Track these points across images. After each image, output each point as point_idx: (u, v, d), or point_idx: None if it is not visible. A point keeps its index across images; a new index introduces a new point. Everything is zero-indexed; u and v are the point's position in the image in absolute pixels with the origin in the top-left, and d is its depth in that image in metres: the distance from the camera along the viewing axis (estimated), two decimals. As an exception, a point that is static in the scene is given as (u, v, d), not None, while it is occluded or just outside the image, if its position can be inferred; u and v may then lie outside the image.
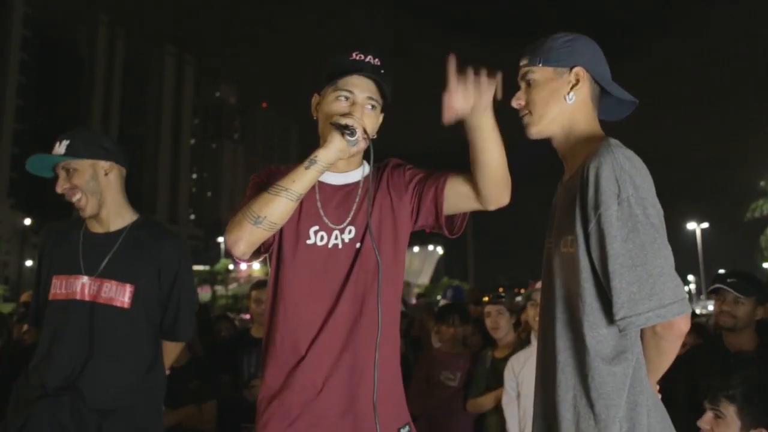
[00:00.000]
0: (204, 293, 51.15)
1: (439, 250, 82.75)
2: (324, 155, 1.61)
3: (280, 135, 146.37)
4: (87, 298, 2.16)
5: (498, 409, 3.38)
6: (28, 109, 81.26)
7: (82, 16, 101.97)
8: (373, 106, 1.70)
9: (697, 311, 9.00)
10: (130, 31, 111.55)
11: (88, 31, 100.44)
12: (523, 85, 1.68)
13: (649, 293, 1.37)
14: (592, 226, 1.43)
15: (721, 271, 3.19)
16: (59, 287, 2.19)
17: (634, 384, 1.44)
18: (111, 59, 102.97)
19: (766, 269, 27.86)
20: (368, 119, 1.68)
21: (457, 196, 1.70)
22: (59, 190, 2.23)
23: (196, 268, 64.19)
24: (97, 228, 2.26)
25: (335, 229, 1.71)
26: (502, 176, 1.63)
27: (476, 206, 1.71)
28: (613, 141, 1.50)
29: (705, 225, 37.40)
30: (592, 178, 1.44)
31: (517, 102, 1.67)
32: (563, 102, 1.61)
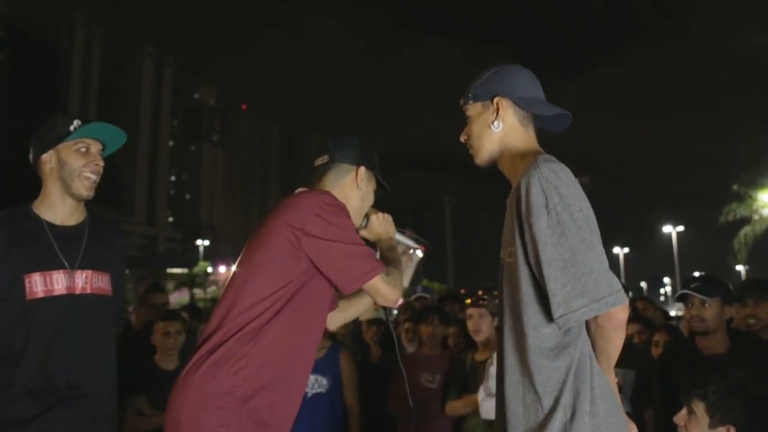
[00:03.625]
0: (182, 296, 50.59)
1: (419, 253, 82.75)
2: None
3: (260, 137, 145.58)
4: (78, 291, 2.13)
5: (477, 412, 3.39)
6: (3, 110, 79.98)
7: (59, 16, 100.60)
8: None
9: (673, 313, 9.14)
10: (109, 31, 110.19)
11: (65, 31, 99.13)
12: (467, 121, 1.89)
13: (583, 290, 1.51)
14: (527, 237, 1.59)
15: (696, 274, 3.28)
16: (41, 284, 2.08)
17: (578, 374, 1.58)
18: (89, 60, 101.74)
19: (739, 271, 28.37)
20: None
21: None
22: (100, 166, 2.22)
23: (175, 271, 63.52)
24: (59, 220, 2.19)
25: None
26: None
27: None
28: (542, 157, 1.65)
29: (681, 228, 37.97)
30: (523, 194, 1.60)
31: (462, 138, 1.91)
32: (491, 131, 1.81)
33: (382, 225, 2.23)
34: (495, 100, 1.80)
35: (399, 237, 2.28)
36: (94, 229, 2.26)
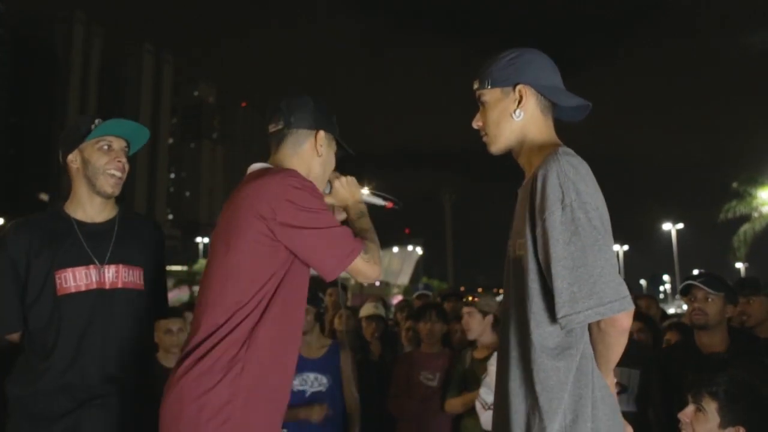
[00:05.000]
0: (182, 294, 50.57)
1: (419, 250, 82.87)
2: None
3: (259, 134, 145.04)
4: (108, 286, 2.15)
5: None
6: (1, 108, 79.94)
7: (58, 14, 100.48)
8: None
9: (672, 311, 9.16)
10: (108, 29, 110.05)
11: (64, 28, 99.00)
12: (480, 106, 1.80)
13: (589, 292, 1.46)
14: (539, 230, 1.53)
15: (695, 272, 3.30)
16: (71, 280, 2.11)
17: (579, 378, 1.54)
18: (88, 57, 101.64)
19: (738, 269, 28.38)
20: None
21: None
22: (123, 163, 2.24)
23: (174, 268, 63.52)
24: (88, 218, 2.23)
25: None
26: None
27: None
28: (562, 149, 1.59)
29: (680, 226, 37.97)
30: (539, 186, 1.54)
31: (476, 123, 1.81)
32: (512, 120, 1.72)
33: (346, 189, 2.09)
34: (518, 87, 1.70)
35: (366, 198, 2.15)
36: (125, 225, 2.28)
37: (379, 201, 2.20)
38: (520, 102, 1.70)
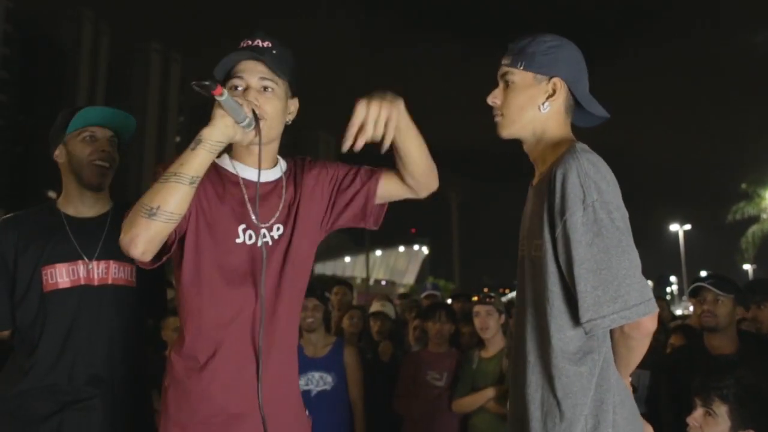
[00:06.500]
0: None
1: (425, 250, 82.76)
2: (208, 132, 1.56)
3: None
4: (96, 282, 2.08)
5: (483, 409, 3.38)
6: (10, 105, 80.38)
7: (66, 12, 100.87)
8: (267, 88, 1.63)
9: (679, 312, 9.10)
10: (116, 27, 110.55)
11: (72, 27, 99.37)
12: (501, 83, 1.69)
13: (614, 296, 1.40)
14: (559, 231, 1.47)
15: (702, 273, 3.26)
16: (57, 276, 2.04)
17: (601, 383, 1.49)
18: (95, 55, 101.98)
19: (746, 270, 28.24)
20: (267, 102, 1.62)
21: (389, 191, 1.77)
22: (107, 152, 2.14)
23: (181, 266, 63.43)
24: (79, 213, 2.16)
25: (263, 228, 1.68)
26: (426, 166, 1.69)
27: (409, 195, 1.78)
28: (580, 146, 1.52)
29: (688, 227, 37.79)
30: (558, 185, 1.47)
31: (492, 100, 1.69)
32: (537, 110, 1.63)
33: None
34: (554, 80, 1.62)
35: (224, 110, 1.57)
36: (118, 220, 2.20)
37: (228, 103, 1.56)
38: (551, 96, 1.63)
